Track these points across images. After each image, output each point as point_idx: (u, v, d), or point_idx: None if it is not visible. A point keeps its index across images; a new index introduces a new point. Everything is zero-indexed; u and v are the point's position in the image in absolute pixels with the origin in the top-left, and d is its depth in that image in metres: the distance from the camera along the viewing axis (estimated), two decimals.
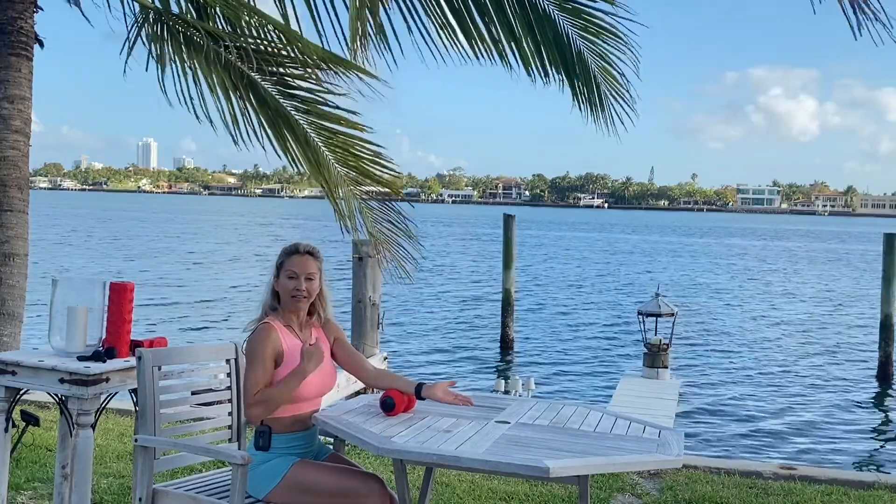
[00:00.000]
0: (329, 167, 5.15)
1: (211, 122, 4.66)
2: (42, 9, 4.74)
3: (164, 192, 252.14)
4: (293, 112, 5.05)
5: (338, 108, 5.09)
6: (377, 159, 5.39)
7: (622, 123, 5.42)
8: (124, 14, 4.87)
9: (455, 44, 4.98)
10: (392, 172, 5.48)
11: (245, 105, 4.77)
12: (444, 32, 4.94)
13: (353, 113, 5.10)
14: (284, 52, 4.90)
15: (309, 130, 5.12)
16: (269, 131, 4.88)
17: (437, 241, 57.33)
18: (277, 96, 4.98)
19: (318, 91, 5.02)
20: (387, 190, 5.55)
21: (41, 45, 4.73)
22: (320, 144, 5.19)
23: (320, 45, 4.81)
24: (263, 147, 4.83)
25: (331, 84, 4.95)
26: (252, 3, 5.09)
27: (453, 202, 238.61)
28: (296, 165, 5.04)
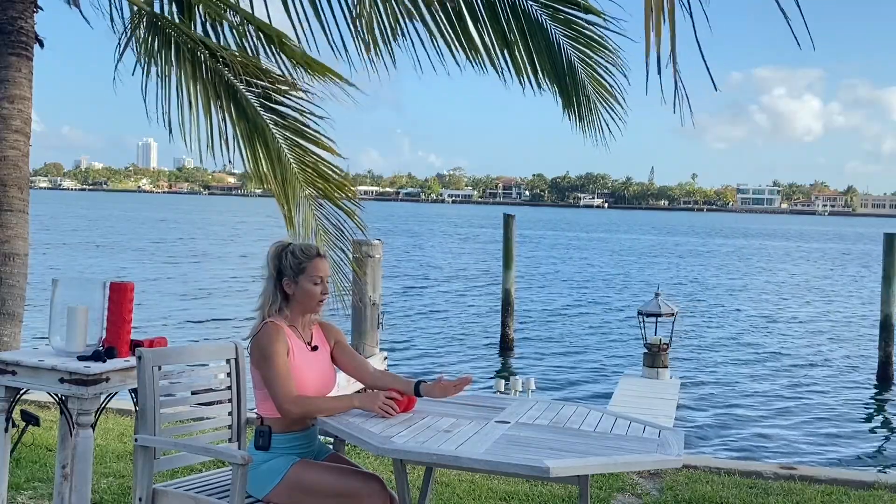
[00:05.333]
0: (294, 185, 5.20)
1: (183, 132, 4.71)
2: (42, 9, 4.74)
3: (164, 192, 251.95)
4: (271, 125, 5.10)
5: (316, 132, 5.19)
6: (342, 184, 5.50)
7: (611, 133, 5.48)
8: (115, 18, 4.90)
9: (450, 51, 5.00)
10: (353, 200, 5.66)
11: (224, 116, 4.80)
12: (439, 40, 4.96)
13: (329, 139, 5.24)
14: (272, 68, 4.94)
15: (283, 146, 5.17)
16: (242, 145, 4.92)
17: (438, 241, 57.37)
18: (259, 108, 5.03)
19: (299, 109, 5.10)
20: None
21: (41, 44, 4.72)
22: (291, 161, 5.24)
23: (301, 46, 4.85)
24: (232, 161, 4.88)
25: (313, 97, 5.02)
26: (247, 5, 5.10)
27: (453, 202, 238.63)
28: (264, 182, 5.10)
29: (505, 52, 5.09)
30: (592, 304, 25.41)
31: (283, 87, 4.98)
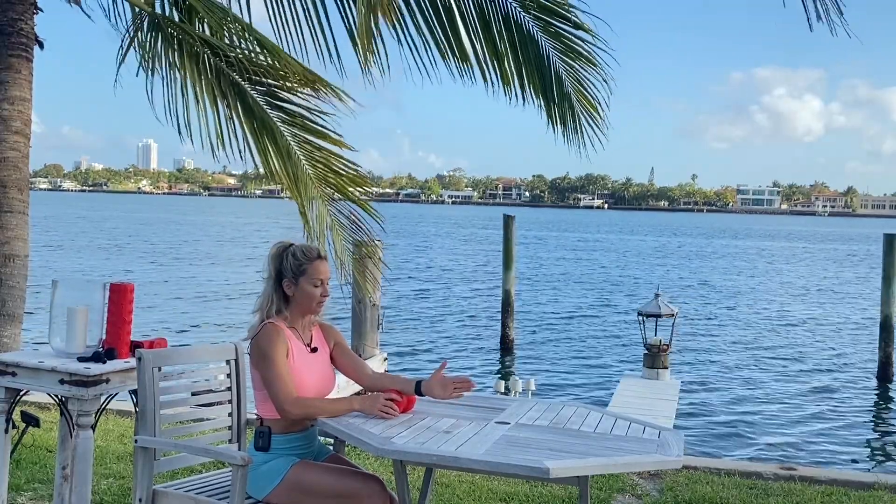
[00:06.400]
0: (306, 182, 5.21)
1: (190, 132, 4.71)
2: (42, 10, 4.74)
3: (164, 193, 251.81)
4: (279, 123, 5.11)
5: (324, 127, 5.18)
6: (356, 178, 5.50)
7: (592, 145, 5.54)
8: (117, 19, 4.91)
9: (444, 59, 5.04)
10: (367, 192, 5.66)
11: (231, 114, 4.81)
12: (433, 47, 4.99)
13: (338, 134, 5.23)
14: (276, 67, 4.95)
15: (292, 143, 5.19)
16: (251, 143, 4.93)
17: (440, 241, 57.39)
18: (265, 106, 5.03)
19: (305, 106, 5.12)
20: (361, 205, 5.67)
21: (41, 46, 4.73)
22: (301, 158, 5.25)
23: (300, 62, 4.89)
24: (243, 159, 4.89)
25: (317, 99, 5.02)
26: (253, 20, 5.12)
27: (453, 203, 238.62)
28: (275, 179, 5.11)
29: (495, 62, 5.15)
30: (592, 305, 25.41)
31: (290, 85, 4.98)
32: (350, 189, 5.48)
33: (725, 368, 15.99)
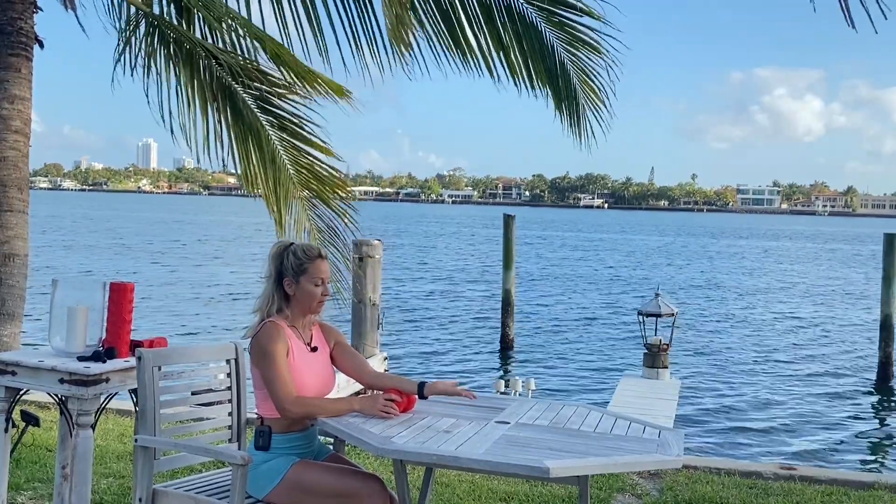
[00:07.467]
0: (287, 188, 5.23)
1: (182, 133, 4.74)
2: (42, 9, 4.74)
3: (164, 193, 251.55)
4: (268, 126, 5.12)
5: (312, 134, 5.21)
6: (339, 185, 5.57)
7: (594, 136, 5.56)
8: (114, 18, 4.91)
9: (446, 55, 5.05)
10: (347, 199, 5.76)
11: (220, 118, 4.82)
12: (436, 44, 5.00)
13: (324, 142, 5.28)
14: (269, 72, 4.97)
15: (279, 147, 5.20)
16: (234, 148, 4.94)
17: (437, 240, 57.38)
18: (256, 109, 5.05)
19: (293, 111, 5.15)
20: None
21: (41, 45, 4.73)
22: (286, 162, 5.26)
23: (295, 55, 4.90)
24: (225, 163, 4.91)
25: (312, 99, 5.05)
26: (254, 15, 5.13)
27: (453, 202, 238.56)
28: (254, 186, 5.13)
29: (500, 54, 5.16)
30: (592, 304, 25.41)
31: (281, 91, 5.00)
32: (330, 195, 5.55)
33: (726, 368, 15.98)
